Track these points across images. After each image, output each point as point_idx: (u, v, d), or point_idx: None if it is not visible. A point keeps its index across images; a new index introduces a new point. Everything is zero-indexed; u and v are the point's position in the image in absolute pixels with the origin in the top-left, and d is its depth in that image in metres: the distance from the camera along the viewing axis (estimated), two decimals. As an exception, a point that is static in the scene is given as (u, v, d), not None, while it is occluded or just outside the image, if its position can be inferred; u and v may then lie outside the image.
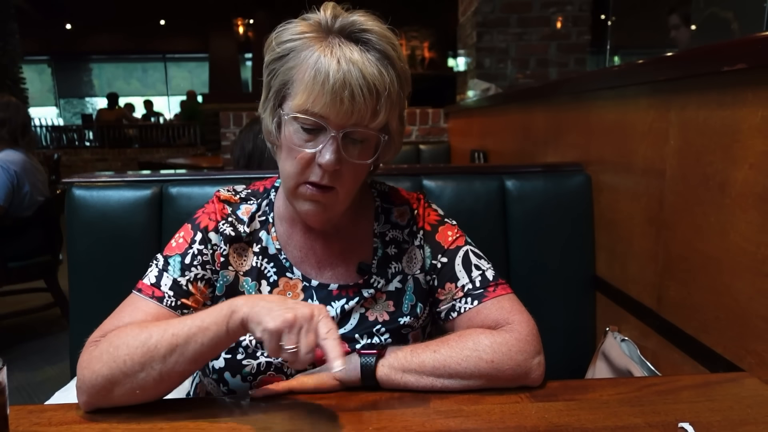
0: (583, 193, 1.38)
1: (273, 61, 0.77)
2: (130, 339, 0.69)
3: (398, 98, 0.77)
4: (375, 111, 0.74)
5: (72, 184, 1.29)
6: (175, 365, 0.68)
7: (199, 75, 13.49)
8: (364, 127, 0.75)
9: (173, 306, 0.78)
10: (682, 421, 0.68)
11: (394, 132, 0.81)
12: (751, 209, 0.83)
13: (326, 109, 0.72)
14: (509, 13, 3.59)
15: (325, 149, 0.74)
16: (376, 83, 0.72)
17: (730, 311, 0.88)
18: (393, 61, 0.75)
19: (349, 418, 0.70)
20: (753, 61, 0.79)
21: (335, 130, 0.73)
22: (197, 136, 9.48)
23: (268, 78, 0.79)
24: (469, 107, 3.16)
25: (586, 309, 1.38)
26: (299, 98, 0.73)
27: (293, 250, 0.87)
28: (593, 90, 1.40)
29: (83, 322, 1.34)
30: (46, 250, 3.06)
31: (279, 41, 0.76)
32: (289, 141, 0.76)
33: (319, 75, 0.71)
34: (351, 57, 0.71)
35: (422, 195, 0.94)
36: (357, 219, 0.90)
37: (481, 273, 0.86)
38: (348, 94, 0.70)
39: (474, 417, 0.71)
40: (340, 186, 0.77)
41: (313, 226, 0.86)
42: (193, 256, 0.82)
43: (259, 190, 0.91)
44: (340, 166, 0.75)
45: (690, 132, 0.98)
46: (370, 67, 0.72)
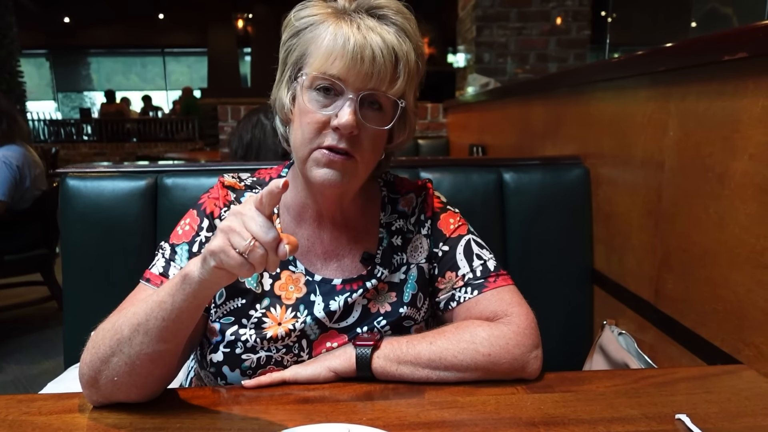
0: (581, 186, 1.37)
1: (291, 37, 0.77)
2: (108, 325, 0.69)
3: (416, 70, 0.76)
4: (394, 76, 0.73)
5: (66, 174, 1.28)
6: (141, 346, 0.65)
7: (198, 70, 13.45)
8: (383, 92, 0.73)
9: None
10: (679, 413, 0.67)
11: (410, 108, 0.80)
12: (750, 200, 0.82)
13: (345, 71, 0.71)
14: (509, 7, 3.57)
15: (342, 111, 0.72)
16: (395, 48, 0.72)
17: (728, 303, 0.87)
18: (409, 34, 0.75)
19: (342, 409, 0.70)
20: (754, 50, 0.78)
21: (353, 92, 0.72)
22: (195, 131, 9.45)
23: (284, 55, 0.78)
24: (468, 102, 3.15)
25: (583, 302, 1.37)
26: (318, 61, 0.72)
27: (300, 239, 0.85)
28: (592, 82, 1.39)
29: (77, 314, 1.33)
30: (43, 243, 3.04)
31: (298, 17, 0.76)
32: (304, 108, 0.75)
33: (339, 38, 0.71)
34: (369, 24, 0.72)
35: (430, 183, 0.93)
36: (365, 209, 0.89)
37: (483, 263, 0.85)
38: (369, 54, 0.70)
39: (469, 408, 0.70)
40: (359, 154, 0.75)
41: (326, 204, 0.83)
42: (201, 244, 0.81)
43: (264, 179, 0.89)
44: (358, 132, 0.73)
45: (689, 123, 0.97)
46: (389, 35, 0.72)
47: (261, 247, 0.57)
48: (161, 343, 0.66)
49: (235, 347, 0.79)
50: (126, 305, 0.75)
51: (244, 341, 0.79)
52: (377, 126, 0.75)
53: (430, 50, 11.47)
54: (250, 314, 0.81)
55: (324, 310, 0.81)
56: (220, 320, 0.80)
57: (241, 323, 0.80)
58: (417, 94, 0.82)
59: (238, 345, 0.79)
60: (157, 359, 0.67)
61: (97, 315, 0.74)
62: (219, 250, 0.58)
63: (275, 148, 1.65)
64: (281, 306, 0.82)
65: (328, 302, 0.82)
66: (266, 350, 0.79)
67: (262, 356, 0.79)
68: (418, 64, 0.76)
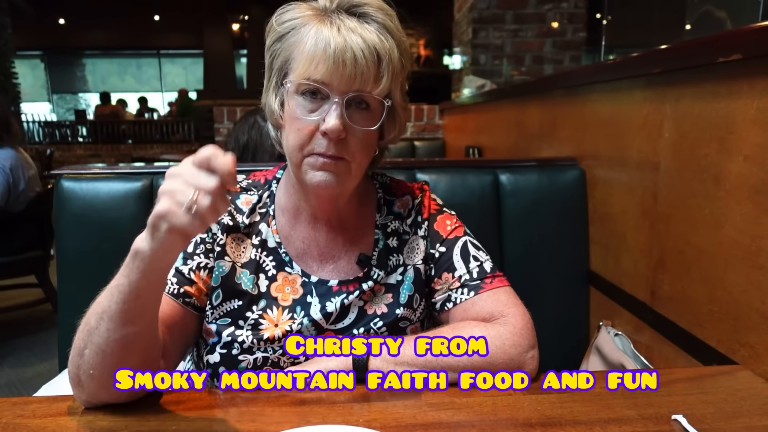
0: (577, 187, 1.38)
1: (274, 43, 0.77)
2: (83, 320, 0.67)
3: (400, 67, 0.76)
4: (377, 76, 0.73)
5: (61, 176, 1.27)
6: (108, 332, 0.63)
7: (193, 71, 13.42)
8: (368, 93, 0.73)
9: (176, 294, 0.77)
10: (675, 414, 0.67)
11: (398, 105, 0.80)
12: (745, 201, 0.82)
13: (328, 75, 0.71)
14: (505, 9, 3.59)
15: (328, 115, 0.72)
16: (377, 47, 0.72)
17: (724, 304, 0.88)
18: (391, 31, 0.75)
19: (339, 411, 0.69)
20: (749, 52, 0.79)
21: (338, 96, 0.72)
22: (191, 133, 9.42)
23: (269, 60, 0.78)
24: (464, 104, 3.16)
25: (579, 303, 1.38)
26: (301, 67, 0.72)
27: (295, 241, 0.85)
28: (587, 84, 1.40)
29: (72, 316, 1.32)
30: (37, 246, 3.03)
31: (279, 22, 0.76)
32: (292, 115, 0.75)
33: (320, 42, 0.71)
34: (350, 25, 0.72)
35: (426, 185, 0.93)
36: (360, 210, 0.89)
37: (479, 264, 0.85)
38: (350, 56, 0.70)
39: (466, 409, 0.70)
40: (350, 156, 0.75)
41: (321, 206, 0.83)
42: (196, 245, 0.81)
43: (260, 181, 0.89)
44: (346, 135, 0.74)
45: (685, 124, 0.97)
46: (370, 34, 0.72)
47: (206, 196, 0.56)
48: (128, 326, 0.63)
49: (231, 348, 0.79)
50: None
51: (240, 342, 0.79)
52: (365, 127, 0.75)
53: (426, 52, 11.51)
54: (246, 316, 0.80)
55: (320, 311, 0.81)
56: (216, 321, 0.80)
57: (238, 324, 0.80)
58: (405, 87, 0.82)
59: (235, 346, 0.79)
60: (127, 344, 0.64)
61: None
62: (165, 211, 0.56)
63: (272, 149, 1.64)
64: (278, 307, 0.81)
65: (324, 304, 0.82)
66: (263, 351, 0.79)
67: (258, 357, 0.79)
68: (401, 60, 0.76)
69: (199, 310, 0.82)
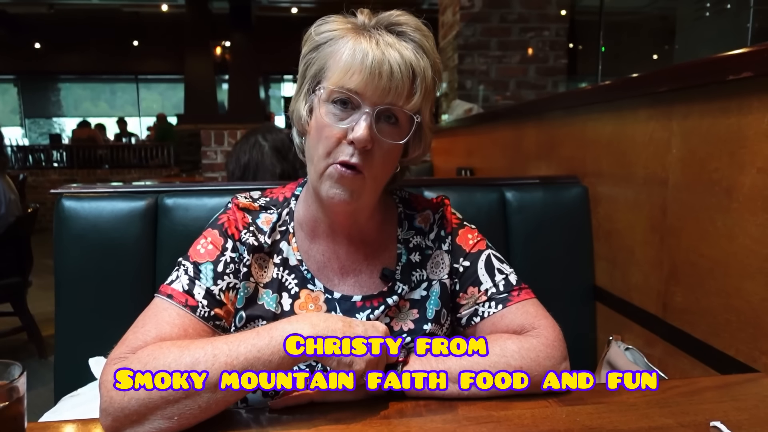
0: (580, 204, 1.41)
1: (310, 51, 0.77)
2: (171, 361, 0.64)
3: (432, 86, 0.77)
4: (411, 92, 0.74)
5: (61, 194, 1.24)
6: (226, 395, 0.64)
7: (169, 97, 13.33)
8: (399, 107, 0.74)
9: (206, 317, 0.75)
10: (713, 421, 0.67)
11: (426, 123, 0.80)
12: (760, 212, 0.85)
13: (363, 85, 0.72)
14: (489, 36, 3.70)
15: (357, 125, 0.72)
16: (413, 64, 0.73)
17: (742, 314, 0.90)
18: (427, 51, 0.76)
19: (377, 427, 0.68)
20: (759, 70, 0.82)
21: (370, 107, 0.73)
22: (171, 157, 9.30)
23: (303, 68, 0.79)
24: (452, 127, 3.21)
25: (586, 319, 1.39)
26: (336, 75, 0.73)
27: (315, 254, 0.84)
28: (588, 104, 1.44)
29: (70, 341, 1.27)
30: (15, 272, 2.92)
31: (318, 32, 0.76)
32: (321, 122, 0.75)
33: (357, 53, 0.72)
34: (388, 41, 0.73)
35: (447, 200, 0.93)
36: (382, 225, 0.88)
37: (505, 277, 0.86)
38: (387, 69, 0.71)
39: (506, 422, 0.69)
40: (369, 170, 0.75)
41: (338, 220, 0.82)
42: (226, 264, 0.79)
43: (278, 199, 0.88)
44: (372, 146, 0.74)
45: (693, 140, 1.01)
46: (407, 51, 0.74)
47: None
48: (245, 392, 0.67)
49: None
50: (148, 324, 0.72)
51: None
52: (392, 140, 0.76)
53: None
54: None
55: None
56: None
57: None
58: (433, 109, 0.83)
59: None
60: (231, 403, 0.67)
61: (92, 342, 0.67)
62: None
63: (272, 168, 1.64)
64: None
65: None
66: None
67: None
68: (434, 80, 0.78)
69: (227, 331, 0.79)
